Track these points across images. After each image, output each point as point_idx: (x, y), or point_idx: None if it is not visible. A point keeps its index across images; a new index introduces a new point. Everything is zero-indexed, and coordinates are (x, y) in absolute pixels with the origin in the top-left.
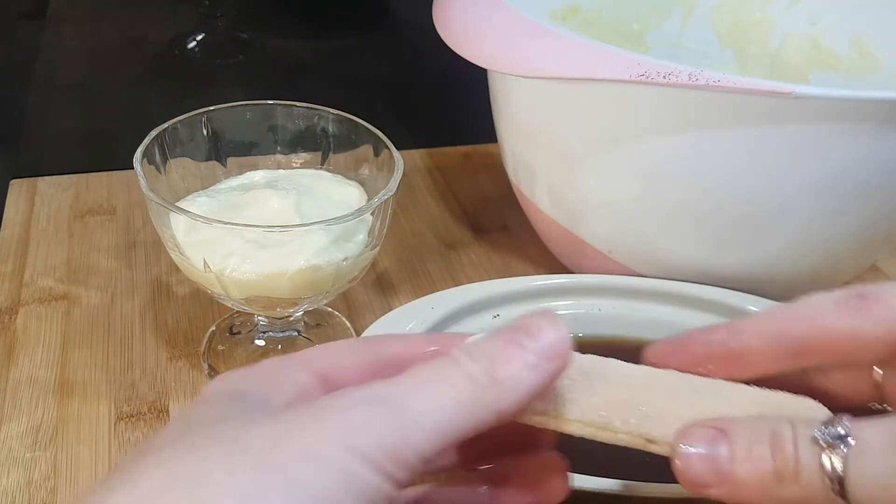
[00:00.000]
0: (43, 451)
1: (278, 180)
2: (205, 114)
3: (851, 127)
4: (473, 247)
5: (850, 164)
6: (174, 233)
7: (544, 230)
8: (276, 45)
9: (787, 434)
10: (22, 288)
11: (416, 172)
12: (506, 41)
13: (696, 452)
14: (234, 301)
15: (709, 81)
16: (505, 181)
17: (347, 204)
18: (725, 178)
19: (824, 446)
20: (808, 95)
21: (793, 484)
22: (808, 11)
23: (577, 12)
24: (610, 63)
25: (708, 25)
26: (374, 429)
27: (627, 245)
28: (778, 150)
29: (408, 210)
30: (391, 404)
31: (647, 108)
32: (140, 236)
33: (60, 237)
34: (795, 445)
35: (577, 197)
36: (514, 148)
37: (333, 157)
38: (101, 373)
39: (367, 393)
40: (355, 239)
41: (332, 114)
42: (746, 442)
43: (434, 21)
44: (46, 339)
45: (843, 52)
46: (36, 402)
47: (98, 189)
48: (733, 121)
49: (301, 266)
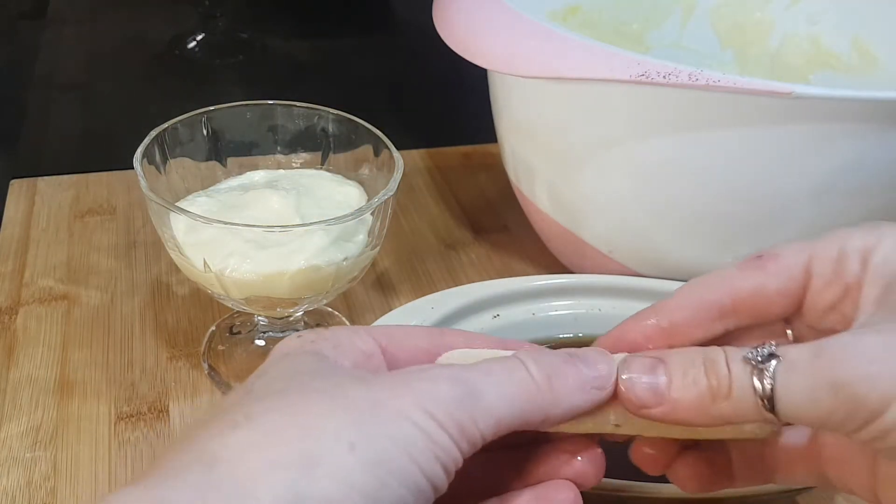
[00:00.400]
0: (43, 451)
1: (278, 180)
2: (205, 114)
3: (851, 127)
4: (473, 247)
5: (850, 164)
6: (174, 233)
7: (544, 230)
8: (276, 45)
9: (720, 357)
10: (22, 288)
11: (416, 172)
12: (506, 41)
13: (636, 377)
14: (234, 301)
15: (709, 81)
16: (505, 181)
17: (347, 204)
18: (725, 178)
19: (754, 363)
20: (808, 95)
21: (725, 400)
22: (808, 11)
23: (577, 12)
24: (610, 63)
25: (708, 25)
26: (451, 402)
27: (627, 245)
28: (778, 150)
29: (408, 210)
30: (469, 387)
31: (647, 108)
32: (140, 236)
33: (60, 237)
34: (728, 365)
35: (577, 197)
36: (514, 148)
37: (333, 157)
38: (101, 373)
39: (451, 373)
40: (355, 239)
41: (332, 114)
42: (682, 366)
43: (434, 21)
44: (46, 339)
45: (843, 52)
46: (36, 402)
47: (98, 189)
48: (733, 121)
49: (301, 266)
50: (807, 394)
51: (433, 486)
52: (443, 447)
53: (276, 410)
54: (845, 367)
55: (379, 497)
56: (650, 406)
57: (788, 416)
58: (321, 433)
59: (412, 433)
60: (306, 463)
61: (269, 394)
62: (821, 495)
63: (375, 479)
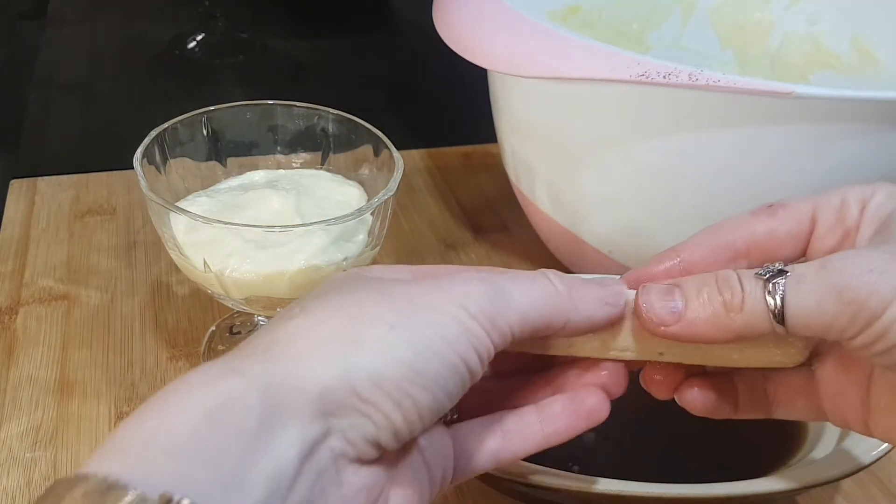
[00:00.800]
0: (43, 451)
1: (278, 180)
2: (205, 114)
3: (851, 127)
4: (473, 247)
5: (850, 164)
6: (174, 233)
7: (544, 230)
8: (276, 45)
9: (732, 275)
10: (22, 288)
11: (416, 172)
12: (506, 41)
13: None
14: (234, 301)
15: (709, 81)
16: (505, 181)
17: (347, 204)
18: (725, 178)
19: (766, 278)
20: (809, 95)
21: (739, 314)
22: (808, 11)
23: (577, 12)
24: (610, 63)
25: (708, 26)
26: (482, 298)
27: (627, 245)
28: (778, 150)
29: (408, 210)
30: (497, 286)
31: (648, 109)
32: (140, 236)
33: (60, 237)
34: (740, 282)
35: (577, 197)
36: (514, 148)
37: (333, 157)
38: (101, 373)
39: (480, 275)
40: (355, 239)
41: (332, 114)
42: (696, 287)
43: (434, 21)
44: (46, 339)
45: (843, 52)
46: (36, 402)
47: (98, 189)
48: (733, 121)
49: (301, 266)
50: (814, 301)
51: (468, 369)
52: (475, 335)
53: (326, 303)
54: (848, 275)
55: (419, 370)
56: (668, 324)
57: (797, 324)
58: (365, 317)
59: (446, 321)
60: (352, 340)
61: (320, 294)
62: (821, 495)
63: (415, 354)
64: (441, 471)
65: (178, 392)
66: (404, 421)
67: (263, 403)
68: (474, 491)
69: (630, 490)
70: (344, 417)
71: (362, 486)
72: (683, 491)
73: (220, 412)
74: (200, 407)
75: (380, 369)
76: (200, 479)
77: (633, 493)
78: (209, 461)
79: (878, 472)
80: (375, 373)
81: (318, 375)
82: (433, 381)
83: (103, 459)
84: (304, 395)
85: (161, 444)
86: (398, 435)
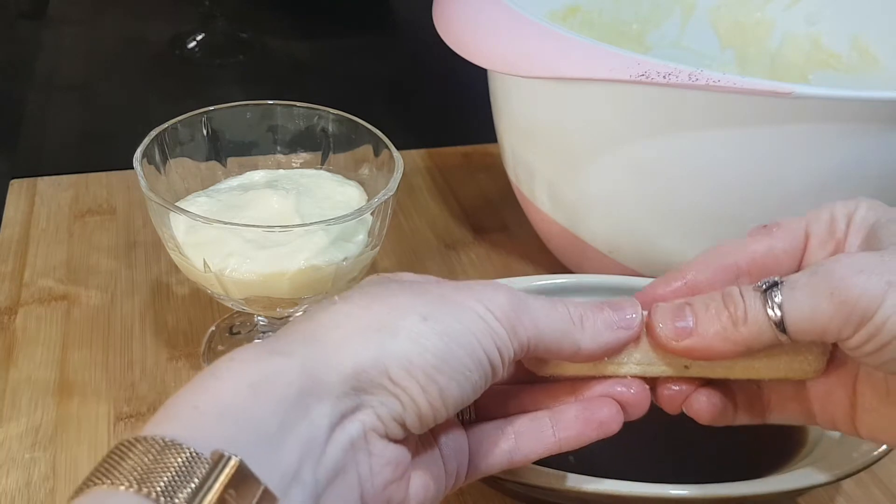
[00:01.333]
0: (42, 452)
1: (278, 180)
2: (205, 114)
3: (851, 127)
4: (473, 247)
5: (850, 164)
6: (174, 233)
7: (544, 230)
8: (276, 45)
9: (735, 290)
10: (22, 288)
11: (416, 172)
12: (506, 41)
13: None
14: (234, 301)
15: (709, 81)
16: (505, 181)
17: (347, 204)
18: (725, 178)
19: (763, 289)
20: (809, 95)
21: (744, 325)
22: (807, 11)
23: (577, 12)
24: (610, 63)
25: (708, 26)
26: (507, 304)
27: (627, 245)
28: (778, 150)
29: (408, 210)
30: (521, 297)
31: (648, 108)
32: (140, 236)
33: (60, 237)
34: (742, 295)
35: (577, 197)
36: (514, 148)
37: (333, 157)
38: (101, 373)
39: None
40: (355, 239)
41: (332, 114)
42: (704, 303)
43: (434, 21)
44: (46, 340)
45: (842, 52)
46: (35, 402)
47: (98, 189)
48: (733, 121)
49: (301, 266)
50: (808, 306)
51: (491, 365)
52: (499, 334)
53: (364, 294)
54: (839, 276)
55: (446, 359)
56: (681, 339)
57: (797, 330)
58: (400, 308)
59: (474, 318)
60: (388, 328)
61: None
62: (822, 496)
63: (444, 345)
64: (456, 466)
65: (226, 368)
66: (429, 406)
67: (303, 379)
68: (474, 491)
69: (630, 490)
70: (375, 395)
71: (390, 460)
72: (684, 492)
73: (264, 385)
74: (246, 380)
75: (410, 355)
76: (245, 442)
77: (634, 494)
78: (252, 426)
79: (879, 473)
80: (406, 358)
81: (354, 357)
82: (459, 371)
83: (158, 424)
84: (340, 373)
85: (211, 411)
86: (423, 419)
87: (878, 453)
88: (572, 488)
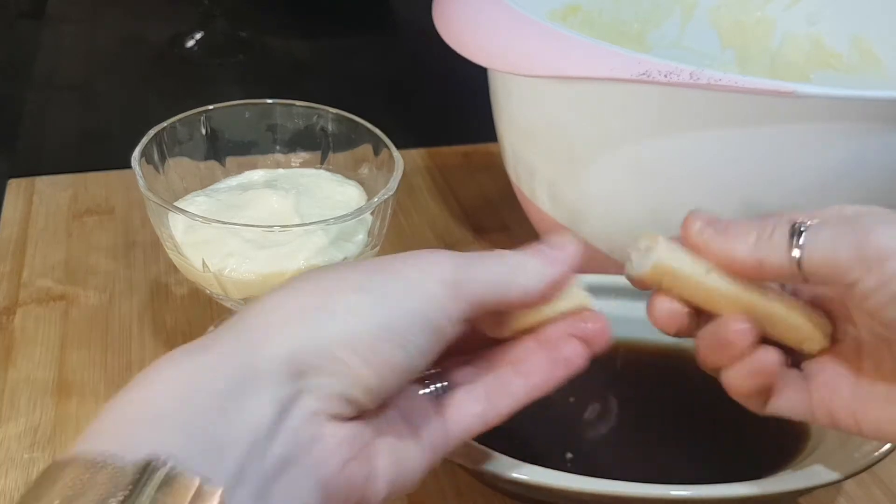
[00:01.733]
0: (41, 452)
1: (277, 180)
2: (203, 113)
3: (853, 127)
4: (473, 247)
5: (851, 164)
6: (173, 233)
7: (544, 230)
8: (275, 45)
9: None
10: (20, 288)
11: (416, 172)
12: (506, 40)
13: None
14: (233, 301)
15: (710, 81)
16: (505, 181)
17: (347, 204)
18: (726, 178)
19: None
20: (810, 95)
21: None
22: (808, 11)
23: (577, 12)
24: (611, 62)
25: (708, 25)
26: (449, 269)
27: (627, 245)
28: (779, 150)
29: (408, 210)
30: (462, 259)
31: (648, 108)
32: (138, 236)
33: (58, 237)
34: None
35: (578, 197)
36: (514, 148)
37: (333, 157)
38: (100, 373)
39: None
40: (355, 239)
41: (332, 113)
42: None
43: (434, 20)
44: (44, 340)
45: (843, 51)
46: (34, 402)
47: (96, 189)
48: (734, 120)
49: (300, 266)
50: (829, 242)
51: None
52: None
53: (295, 281)
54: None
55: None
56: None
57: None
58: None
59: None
60: (323, 306)
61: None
62: (823, 496)
63: (383, 312)
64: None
65: (156, 371)
66: (377, 376)
67: (235, 370)
68: (474, 491)
69: (630, 491)
70: (314, 377)
71: (344, 439)
72: (684, 492)
73: (193, 381)
74: (177, 380)
75: (350, 328)
76: (179, 444)
77: (634, 494)
78: (186, 426)
79: (880, 473)
80: (346, 332)
81: (288, 341)
82: (403, 336)
83: (88, 440)
84: (275, 360)
85: (141, 418)
86: (372, 391)
87: (881, 453)
88: (572, 488)
